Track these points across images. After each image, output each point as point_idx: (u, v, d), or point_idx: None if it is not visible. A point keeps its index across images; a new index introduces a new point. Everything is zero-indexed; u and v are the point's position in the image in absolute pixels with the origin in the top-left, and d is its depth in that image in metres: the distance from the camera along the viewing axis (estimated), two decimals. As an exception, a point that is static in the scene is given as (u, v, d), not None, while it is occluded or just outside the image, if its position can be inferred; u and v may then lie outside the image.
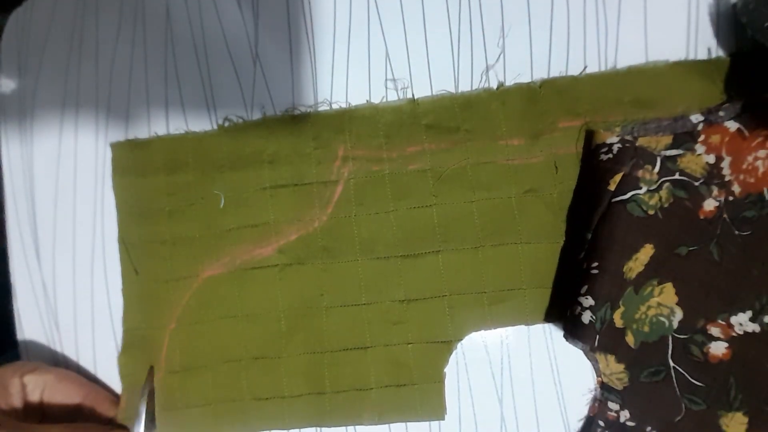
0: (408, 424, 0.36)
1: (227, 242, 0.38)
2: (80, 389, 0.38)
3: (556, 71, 0.36)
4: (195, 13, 0.39)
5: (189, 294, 0.38)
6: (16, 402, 0.37)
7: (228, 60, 0.39)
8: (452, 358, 0.36)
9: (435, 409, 0.35)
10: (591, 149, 0.35)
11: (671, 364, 0.33)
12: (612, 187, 0.33)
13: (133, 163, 0.39)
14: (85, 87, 0.40)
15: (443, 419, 0.35)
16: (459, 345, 0.36)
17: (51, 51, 0.41)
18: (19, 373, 0.37)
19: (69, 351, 0.39)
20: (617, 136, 0.35)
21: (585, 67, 0.36)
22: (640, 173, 0.34)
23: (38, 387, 0.37)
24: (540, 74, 0.36)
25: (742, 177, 0.33)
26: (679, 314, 0.33)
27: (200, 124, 0.39)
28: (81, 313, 0.39)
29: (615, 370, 0.34)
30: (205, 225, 0.38)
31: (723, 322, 0.33)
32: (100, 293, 0.39)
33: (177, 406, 0.37)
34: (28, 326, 0.39)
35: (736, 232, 0.33)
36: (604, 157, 0.34)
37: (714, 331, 0.33)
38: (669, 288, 0.33)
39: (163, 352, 0.38)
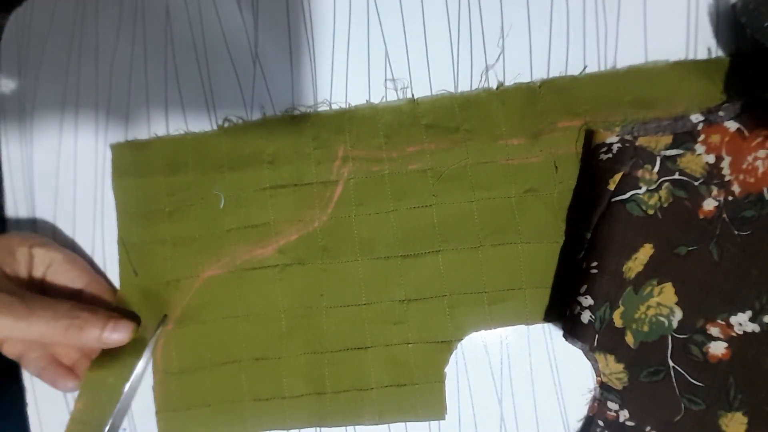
0: (408, 424, 0.36)
1: (227, 242, 0.38)
2: (85, 275, 0.38)
3: (555, 71, 0.36)
4: (195, 14, 0.39)
5: (189, 295, 0.38)
6: (22, 271, 0.36)
7: (228, 60, 0.39)
8: (452, 359, 0.36)
9: (435, 409, 0.35)
10: (591, 149, 0.35)
11: (671, 363, 0.33)
12: (611, 186, 0.33)
13: (133, 164, 0.39)
14: (85, 87, 0.40)
15: (443, 419, 0.35)
16: (459, 345, 0.36)
17: (51, 51, 0.41)
18: (28, 244, 0.36)
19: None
20: (617, 135, 0.35)
21: (585, 67, 0.36)
22: (639, 173, 0.34)
23: (44, 263, 0.37)
24: (539, 74, 0.36)
25: (741, 177, 0.33)
26: (678, 314, 0.33)
27: (200, 124, 0.39)
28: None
29: (614, 369, 0.34)
30: (205, 225, 0.38)
31: (722, 322, 0.33)
32: (100, 293, 0.39)
33: (176, 407, 0.37)
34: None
35: (736, 232, 0.33)
36: (603, 156, 0.34)
37: (713, 331, 0.33)
38: (668, 288, 0.33)
39: (158, 353, 0.38)
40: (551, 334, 0.35)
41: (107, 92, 0.40)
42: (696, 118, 0.34)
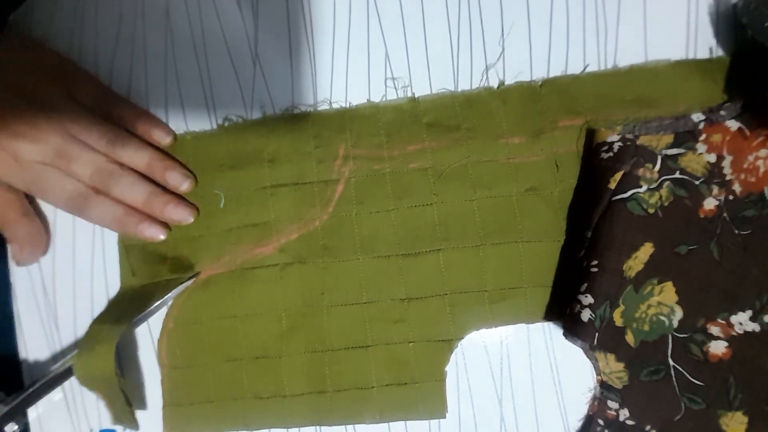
0: (408, 423, 0.36)
1: (228, 242, 0.38)
2: None
3: (555, 70, 0.36)
4: (195, 14, 0.39)
5: (187, 293, 0.38)
6: None
7: (228, 60, 0.39)
8: (452, 359, 0.36)
9: (436, 408, 0.36)
10: (592, 148, 0.35)
11: (671, 363, 0.33)
12: (612, 185, 0.34)
13: (133, 164, 0.39)
14: (86, 87, 0.40)
15: (444, 418, 0.35)
16: (459, 345, 0.36)
17: (51, 51, 0.41)
18: None
19: (69, 350, 0.39)
20: (618, 134, 0.35)
21: (586, 66, 0.36)
22: (640, 172, 0.34)
23: None
24: (539, 74, 0.36)
25: (743, 176, 0.33)
26: (679, 313, 0.33)
27: (200, 124, 0.39)
28: (81, 313, 0.39)
29: (615, 368, 0.34)
30: (205, 225, 0.38)
31: (723, 322, 0.33)
32: (99, 293, 0.39)
33: (181, 402, 0.37)
34: (28, 326, 0.39)
35: (736, 232, 0.33)
36: (604, 155, 0.34)
37: (714, 330, 0.33)
38: (669, 287, 0.33)
39: (164, 350, 0.38)
40: (551, 334, 0.35)
41: (107, 92, 0.40)
42: (697, 117, 0.34)
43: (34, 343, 0.39)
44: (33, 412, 0.39)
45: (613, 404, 0.34)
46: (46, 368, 0.39)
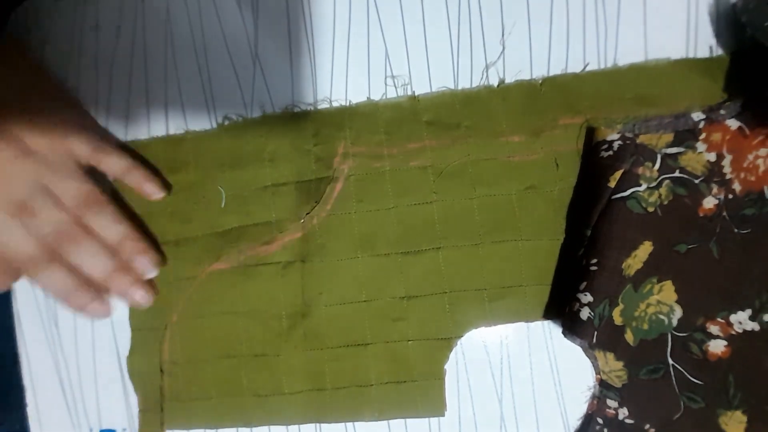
0: (408, 421, 0.36)
1: (229, 241, 0.38)
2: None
3: (555, 69, 0.36)
4: (195, 14, 0.39)
5: (193, 287, 0.38)
6: None
7: (228, 60, 0.39)
8: (452, 358, 0.36)
9: (435, 406, 0.36)
10: (591, 146, 0.35)
11: (670, 362, 0.33)
12: (612, 184, 0.33)
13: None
14: (85, 88, 0.40)
15: (443, 416, 0.35)
16: (459, 345, 0.36)
17: (51, 52, 0.40)
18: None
19: (68, 350, 0.39)
20: (618, 133, 0.34)
21: (587, 64, 0.36)
22: (640, 170, 0.34)
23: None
24: (539, 72, 0.36)
25: (742, 175, 0.33)
26: (678, 312, 0.33)
27: (200, 123, 0.39)
28: (81, 312, 0.39)
29: (614, 367, 0.34)
30: (207, 225, 0.38)
31: (722, 321, 0.33)
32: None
33: (182, 398, 0.38)
34: (28, 326, 0.39)
35: (736, 230, 0.33)
36: (604, 154, 0.34)
37: (713, 329, 0.33)
38: (668, 286, 0.33)
39: (166, 345, 0.38)
40: (551, 333, 0.35)
41: (107, 93, 0.40)
42: (697, 116, 0.34)
43: (34, 343, 0.39)
44: (32, 412, 0.39)
45: (612, 403, 0.34)
46: (46, 368, 0.39)
